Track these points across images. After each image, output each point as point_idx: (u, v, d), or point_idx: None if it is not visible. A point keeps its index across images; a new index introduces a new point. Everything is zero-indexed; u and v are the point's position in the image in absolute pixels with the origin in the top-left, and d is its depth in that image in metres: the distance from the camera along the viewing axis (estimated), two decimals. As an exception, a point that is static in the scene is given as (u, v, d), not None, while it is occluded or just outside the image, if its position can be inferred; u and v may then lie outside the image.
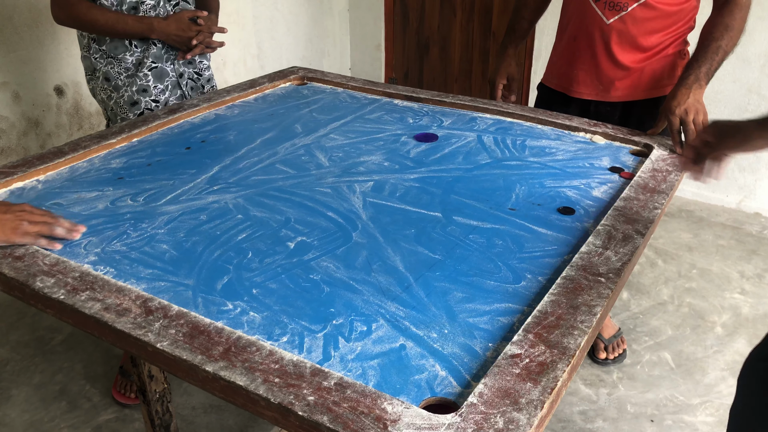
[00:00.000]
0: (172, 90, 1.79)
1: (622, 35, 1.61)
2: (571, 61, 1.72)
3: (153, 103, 1.76)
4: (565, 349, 0.79)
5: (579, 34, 1.68)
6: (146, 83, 1.74)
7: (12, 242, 1.00)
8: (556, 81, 1.79)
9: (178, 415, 1.86)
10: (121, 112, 1.78)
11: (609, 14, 1.60)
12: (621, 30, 1.61)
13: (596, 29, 1.63)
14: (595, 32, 1.64)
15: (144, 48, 1.73)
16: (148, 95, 1.75)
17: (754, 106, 2.81)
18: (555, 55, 1.81)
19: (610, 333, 2.05)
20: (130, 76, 1.74)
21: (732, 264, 2.56)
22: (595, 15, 1.62)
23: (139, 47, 1.73)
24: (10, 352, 2.11)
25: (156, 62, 1.75)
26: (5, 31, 2.27)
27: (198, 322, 0.84)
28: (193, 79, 1.83)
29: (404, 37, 3.81)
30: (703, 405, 1.87)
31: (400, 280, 0.96)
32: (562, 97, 1.77)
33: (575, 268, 0.95)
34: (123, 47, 1.72)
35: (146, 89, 1.74)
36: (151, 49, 1.73)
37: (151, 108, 1.75)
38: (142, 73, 1.73)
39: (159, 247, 1.05)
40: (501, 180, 1.28)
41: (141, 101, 1.74)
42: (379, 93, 1.78)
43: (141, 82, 1.73)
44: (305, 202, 1.19)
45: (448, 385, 0.76)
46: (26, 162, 1.32)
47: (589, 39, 1.66)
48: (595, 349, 2.04)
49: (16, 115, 2.36)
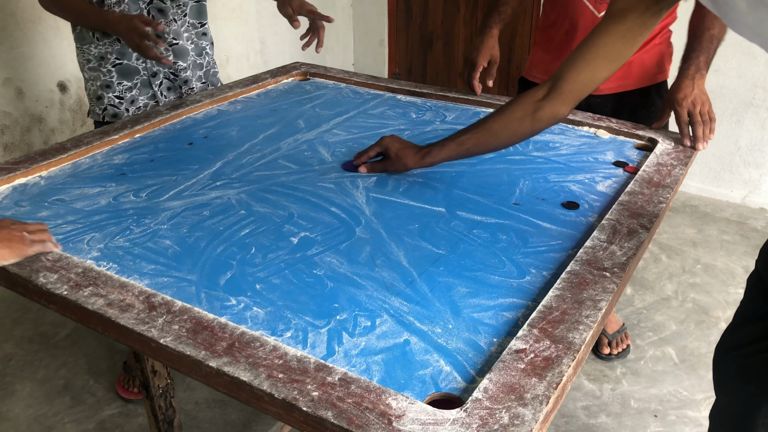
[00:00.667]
0: (142, 89, 1.72)
1: None
2: (561, 56, 1.71)
3: (117, 99, 1.70)
4: (570, 344, 0.78)
5: (571, 28, 1.67)
6: (109, 79, 1.68)
7: (26, 255, 0.97)
8: (543, 76, 1.77)
9: (182, 410, 1.86)
10: (91, 104, 1.75)
11: (600, 7, 1.60)
12: None
13: (589, 22, 1.63)
14: (587, 26, 1.63)
15: (108, 42, 1.67)
16: (112, 91, 1.69)
17: (760, 101, 2.79)
18: (541, 50, 1.79)
19: (614, 328, 2.05)
20: (93, 69, 1.70)
21: (736, 259, 2.55)
22: (585, 9, 1.62)
23: (101, 40, 1.67)
24: (15, 347, 2.12)
25: (121, 58, 1.68)
26: (8, 27, 2.26)
27: (201, 318, 0.84)
28: (169, 79, 1.75)
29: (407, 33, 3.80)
30: (707, 400, 1.87)
31: (403, 275, 0.95)
32: None
33: (580, 263, 0.95)
34: (89, 38, 1.67)
35: (109, 85, 1.69)
36: (115, 45, 1.67)
37: (114, 104, 1.70)
38: (105, 69, 1.68)
39: (162, 242, 1.05)
40: (505, 175, 1.28)
41: (104, 96, 1.70)
42: (382, 88, 1.78)
43: (104, 77, 1.68)
44: (308, 198, 1.19)
45: (453, 380, 0.75)
46: (29, 158, 1.32)
47: (582, 32, 1.65)
48: (598, 344, 2.04)
49: (19, 111, 2.36)
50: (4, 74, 2.29)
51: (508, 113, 1.13)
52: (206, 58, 1.82)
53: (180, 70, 1.75)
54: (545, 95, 1.09)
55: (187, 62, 1.75)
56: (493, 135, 1.16)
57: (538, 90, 1.11)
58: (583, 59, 1.05)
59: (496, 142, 1.18)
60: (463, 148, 1.19)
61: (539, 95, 1.10)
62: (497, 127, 1.15)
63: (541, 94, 1.10)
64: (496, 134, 1.15)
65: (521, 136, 1.17)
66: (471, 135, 1.17)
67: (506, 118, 1.14)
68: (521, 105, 1.12)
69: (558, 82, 1.08)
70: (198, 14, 1.77)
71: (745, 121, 2.86)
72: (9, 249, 0.94)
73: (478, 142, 1.17)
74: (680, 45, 1.54)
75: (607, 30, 1.01)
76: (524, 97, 1.12)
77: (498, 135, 1.16)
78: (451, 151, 1.19)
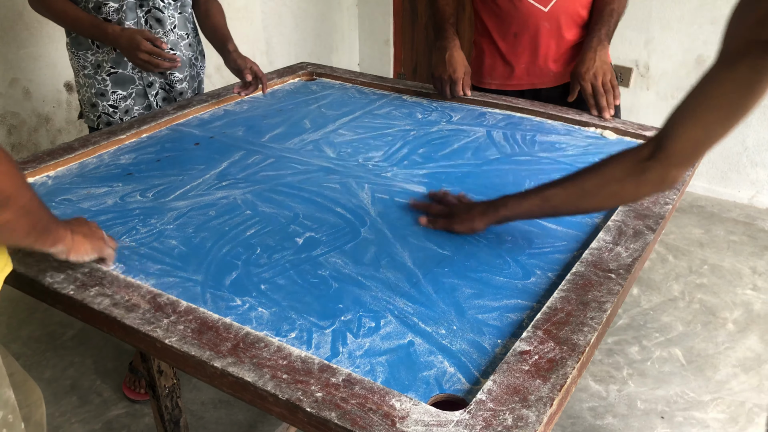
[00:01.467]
0: (137, 99, 1.70)
1: (562, 14, 1.64)
2: (513, 60, 1.71)
3: (111, 108, 1.68)
4: (575, 345, 0.78)
5: (518, 30, 1.67)
6: (104, 87, 1.66)
7: (103, 255, 0.97)
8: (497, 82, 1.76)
9: (188, 410, 1.87)
10: (85, 110, 1.73)
11: (544, 2, 1.62)
12: (562, 10, 1.63)
13: (538, 19, 1.64)
14: (537, 22, 1.64)
15: (105, 50, 1.64)
16: (106, 99, 1.67)
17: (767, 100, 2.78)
18: (488, 57, 1.76)
19: None
20: (88, 76, 1.67)
21: (744, 260, 2.54)
22: (531, 7, 1.63)
23: (100, 48, 1.65)
24: (22, 347, 2.13)
25: (116, 67, 1.65)
26: (16, 27, 2.27)
27: (206, 318, 0.84)
28: (165, 90, 1.73)
29: (413, 32, 3.80)
30: (714, 402, 1.86)
31: (408, 276, 0.95)
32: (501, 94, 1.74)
33: (585, 264, 0.94)
34: (86, 44, 1.65)
35: (104, 93, 1.67)
36: (111, 53, 1.64)
37: (108, 113, 1.68)
38: (100, 77, 1.66)
39: (168, 242, 1.05)
40: (511, 175, 1.27)
41: (98, 104, 1.68)
42: (388, 88, 1.78)
43: (99, 85, 1.66)
44: (314, 198, 1.19)
45: (457, 381, 0.75)
46: (36, 158, 1.32)
47: (532, 30, 1.66)
48: None
49: (26, 112, 2.37)
50: (12, 74, 2.30)
51: (607, 172, 0.97)
52: (195, 70, 1.80)
53: (176, 81, 1.73)
54: (651, 154, 0.92)
55: (184, 74, 1.74)
56: (587, 195, 0.99)
57: (642, 148, 0.94)
58: (693, 114, 0.89)
59: (588, 204, 1.01)
60: (548, 205, 1.01)
61: (644, 154, 0.93)
62: (592, 186, 0.98)
63: (646, 153, 0.93)
64: (591, 194, 0.99)
65: (620, 199, 1.03)
66: (559, 190, 1.00)
67: (604, 178, 0.97)
68: (622, 164, 0.95)
69: (665, 141, 0.91)
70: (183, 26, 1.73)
71: (752, 121, 2.84)
72: (92, 245, 0.94)
73: (568, 200, 1.00)
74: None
75: (717, 79, 0.87)
76: (625, 155, 0.96)
77: (592, 195, 0.99)
78: (533, 206, 1.02)
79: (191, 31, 1.76)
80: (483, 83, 1.79)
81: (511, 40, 1.70)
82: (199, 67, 1.83)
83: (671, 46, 2.90)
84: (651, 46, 2.92)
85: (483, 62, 1.78)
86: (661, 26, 2.90)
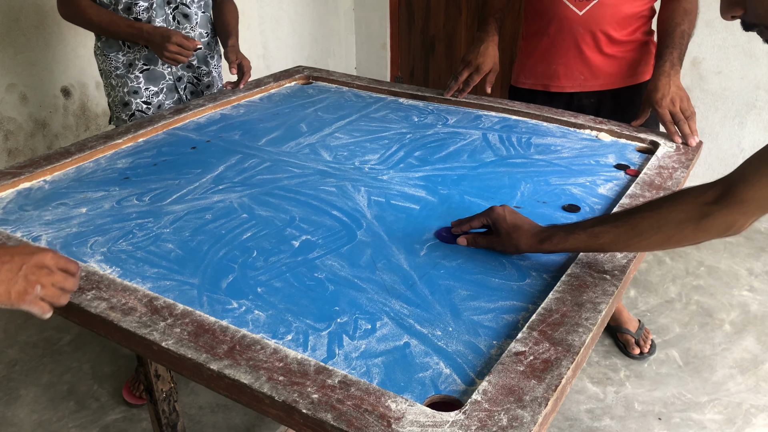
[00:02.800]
0: (168, 93, 1.78)
1: (597, 23, 1.63)
2: (548, 58, 1.72)
3: (144, 105, 1.74)
4: (570, 346, 0.78)
5: (554, 31, 1.68)
6: (137, 85, 1.73)
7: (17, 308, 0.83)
8: (533, 80, 1.78)
9: (185, 414, 1.86)
10: (116, 111, 1.79)
11: (579, 5, 1.61)
12: (595, 18, 1.62)
13: (572, 22, 1.64)
14: (571, 25, 1.65)
15: (136, 49, 1.72)
16: (139, 97, 1.74)
17: (762, 102, 2.79)
18: (526, 56, 1.78)
19: (635, 326, 2.08)
20: (120, 76, 1.74)
21: (740, 261, 2.54)
22: (566, 9, 1.63)
23: (131, 48, 1.72)
24: (19, 353, 2.12)
25: (148, 64, 1.73)
26: (12, 32, 2.28)
27: (203, 321, 0.84)
28: (193, 83, 1.82)
29: (409, 36, 3.81)
30: (711, 403, 1.86)
31: (404, 278, 0.96)
32: (541, 95, 1.77)
33: (580, 266, 0.95)
34: (116, 46, 1.72)
35: (137, 91, 1.73)
36: (142, 51, 1.72)
37: (142, 110, 1.74)
38: (133, 75, 1.73)
39: (164, 246, 1.05)
40: (506, 178, 1.28)
41: (132, 102, 1.74)
42: (385, 92, 1.78)
43: (132, 83, 1.73)
44: (310, 201, 1.19)
45: (453, 382, 0.76)
46: (33, 162, 1.33)
47: (567, 33, 1.66)
48: (627, 346, 2.06)
49: (23, 117, 2.37)
50: (8, 80, 2.30)
51: (664, 213, 0.90)
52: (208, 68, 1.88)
53: (203, 74, 1.81)
54: (717, 199, 0.86)
55: (210, 67, 1.84)
56: (640, 235, 0.91)
57: (707, 190, 0.87)
58: None
59: (640, 244, 0.93)
60: (596, 243, 0.95)
61: (709, 197, 0.87)
62: (647, 226, 0.91)
63: (712, 196, 0.86)
64: (644, 235, 0.91)
65: (677, 242, 0.91)
66: (610, 228, 0.93)
67: (660, 219, 0.90)
68: (683, 206, 0.89)
69: (737, 186, 0.84)
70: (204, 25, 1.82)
71: (747, 123, 2.85)
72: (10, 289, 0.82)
73: (618, 239, 0.93)
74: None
75: None
76: (687, 196, 0.89)
77: (646, 236, 0.91)
78: (580, 242, 0.95)
79: (210, 31, 1.85)
80: (518, 82, 1.82)
81: (547, 41, 1.70)
82: (212, 66, 1.88)
83: (666, 48, 2.91)
84: (646, 48, 2.93)
85: (519, 60, 1.81)
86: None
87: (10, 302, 0.82)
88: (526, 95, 1.79)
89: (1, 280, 0.80)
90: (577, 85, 1.72)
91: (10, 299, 0.82)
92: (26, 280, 0.82)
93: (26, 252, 0.84)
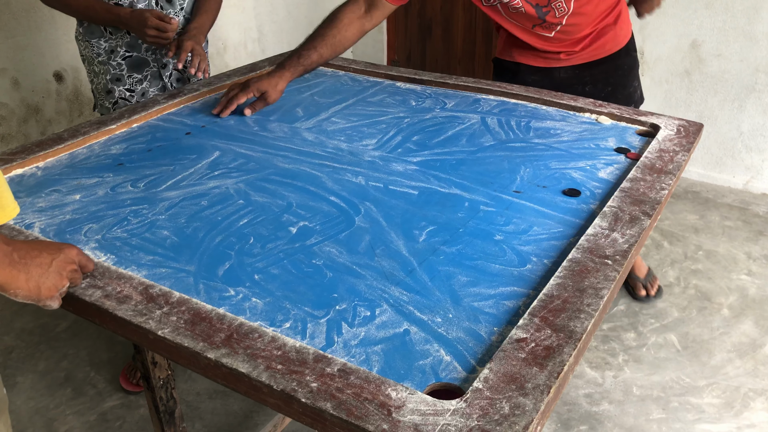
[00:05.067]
0: (153, 81, 1.74)
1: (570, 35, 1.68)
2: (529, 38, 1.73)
3: (128, 92, 1.71)
4: (572, 332, 0.77)
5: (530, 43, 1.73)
6: (120, 72, 1.69)
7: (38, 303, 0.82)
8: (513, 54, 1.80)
9: (183, 401, 1.86)
10: (100, 99, 1.76)
11: (548, 30, 1.66)
12: (568, 32, 1.67)
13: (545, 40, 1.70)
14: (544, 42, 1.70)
15: (119, 35, 1.68)
16: (122, 84, 1.70)
17: (762, 85, 2.77)
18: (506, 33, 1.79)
19: (644, 272, 2.19)
20: (103, 62, 1.70)
21: (739, 245, 2.54)
22: (537, 37, 1.69)
23: (114, 34, 1.68)
24: (15, 340, 2.11)
25: (130, 51, 1.69)
26: (3, 16, 2.24)
27: (199, 309, 0.83)
28: (178, 70, 1.77)
29: (406, 19, 3.77)
30: (709, 387, 1.87)
31: (403, 264, 0.94)
32: (524, 67, 1.78)
33: (581, 251, 0.94)
34: (98, 32, 1.68)
35: (120, 78, 1.69)
36: (125, 38, 1.68)
37: (125, 97, 1.70)
38: (115, 62, 1.69)
39: (160, 233, 1.04)
40: (505, 162, 1.26)
41: (115, 90, 1.70)
42: (381, 75, 1.76)
43: (114, 70, 1.69)
44: (307, 187, 1.17)
45: (453, 370, 0.75)
46: (25, 149, 1.30)
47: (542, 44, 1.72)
48: (634, 288, 2.16)
49: (15, 102, 2.34)
50: (0, 64, 2.27)
51: None
52: None
53: (188, 62, 1.75)
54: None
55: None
56: None
57: None
58: None
59: None
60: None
61: None
62: None
63: None
64: None
65: None
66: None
67: None
68: None
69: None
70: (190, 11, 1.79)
71: (747, 107, 2.84)
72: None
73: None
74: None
75: None
76: None
77: None
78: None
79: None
80: (503, 55, 1.83)
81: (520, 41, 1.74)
82: None
83: (666, 31, 2.88)
84: (646, 31, 2.91)
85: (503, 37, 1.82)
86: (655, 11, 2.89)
87: (38, 297, 0.80)
88: (510, 66, 1.81)
89: (31, 275, 0.78)
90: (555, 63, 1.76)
91: (39, 295, 0.80)
92: (58, 275, 0.81)
93: (53, 247, 0.83)
